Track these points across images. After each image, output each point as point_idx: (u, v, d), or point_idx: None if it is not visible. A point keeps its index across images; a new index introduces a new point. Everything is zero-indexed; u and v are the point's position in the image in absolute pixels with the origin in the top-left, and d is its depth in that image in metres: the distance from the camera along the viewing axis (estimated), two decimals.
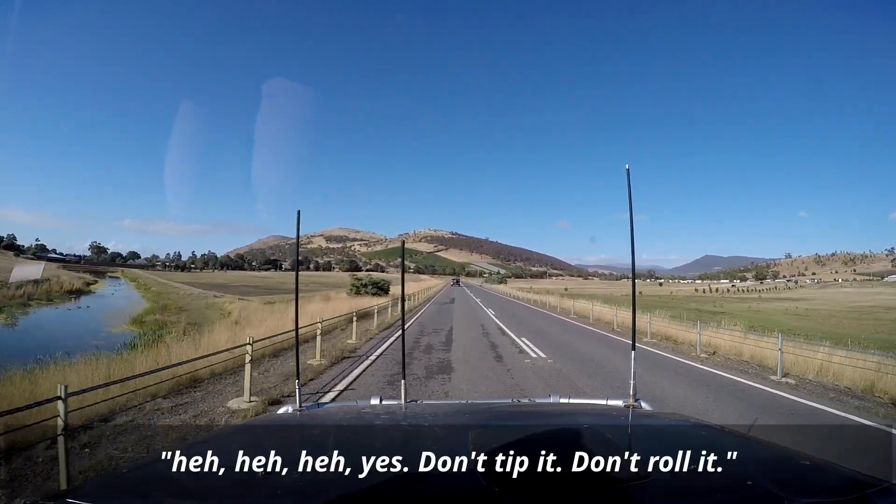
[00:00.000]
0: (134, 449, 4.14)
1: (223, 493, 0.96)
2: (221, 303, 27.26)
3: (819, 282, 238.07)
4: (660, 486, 0.92)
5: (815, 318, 41.83)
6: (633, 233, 1.77)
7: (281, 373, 7.78)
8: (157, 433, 4.59)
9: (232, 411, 5.66)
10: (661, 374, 8.79)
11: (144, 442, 4.33)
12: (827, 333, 18.02)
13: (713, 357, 10.82)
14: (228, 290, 43.69)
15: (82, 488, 1.02)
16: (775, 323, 31.63)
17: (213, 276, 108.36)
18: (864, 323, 36.00)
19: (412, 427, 1.42)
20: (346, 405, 2.15)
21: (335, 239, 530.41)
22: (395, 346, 11.24)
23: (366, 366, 8.77)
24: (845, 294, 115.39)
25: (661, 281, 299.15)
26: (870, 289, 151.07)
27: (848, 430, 5.35)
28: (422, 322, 17.85)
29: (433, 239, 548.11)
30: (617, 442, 1.17)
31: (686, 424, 1.59)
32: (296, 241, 1.96)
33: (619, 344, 12.91)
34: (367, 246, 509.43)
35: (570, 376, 8.33)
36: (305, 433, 1.45)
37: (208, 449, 1.01)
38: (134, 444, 4.24)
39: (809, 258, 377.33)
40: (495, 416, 1.68)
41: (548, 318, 21.67)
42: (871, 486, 0.90)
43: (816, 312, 49.43)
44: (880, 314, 46.47)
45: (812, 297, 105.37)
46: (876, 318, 40.67)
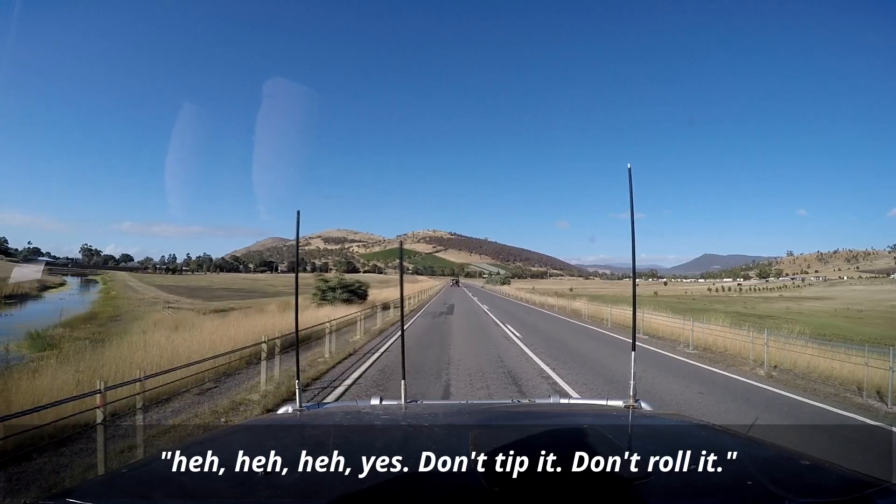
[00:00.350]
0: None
1: (223, 494, 0.95)
2: (159, 313, 21.95)
3: (826, 280, 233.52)
4: (660, 486, 0.92)
5: (869, 320, 36.64)
6: (634, 232, 1.74)
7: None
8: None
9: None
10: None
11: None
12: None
13: (806, 382, 7.47)
14: (201, 295, 39.79)
15: (82, 488, 0.96)
16: (837, 328, 26.56)
17: (201, 279, 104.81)
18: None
19: (412, 427, 1.41)
20: (346, 405, 2.14)
21: (333, 240, 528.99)
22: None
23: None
24: (865, 292, 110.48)
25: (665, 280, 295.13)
26: (880, 286, 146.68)
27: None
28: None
29: (432, 240, 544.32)
30: (617, 442, 1.16)
31: (686, 424, 1.58)
32: (295, 242, 1.97)
33: (744, 390, 7.91)
34: (366, 247, 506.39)
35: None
36: (305, 433, 1.44)
37: (208, 449, 1.02)
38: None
39: (812, 256, 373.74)
40: (495, 416, 1.68)
41: (588, 335, 14.96)
42: (871, 486, 0.90)
43: (866, 314, 44.19)
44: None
45: (831, 295, 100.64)
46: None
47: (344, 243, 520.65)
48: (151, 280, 75.31)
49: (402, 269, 2.26)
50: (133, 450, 4.25)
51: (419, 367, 8.74)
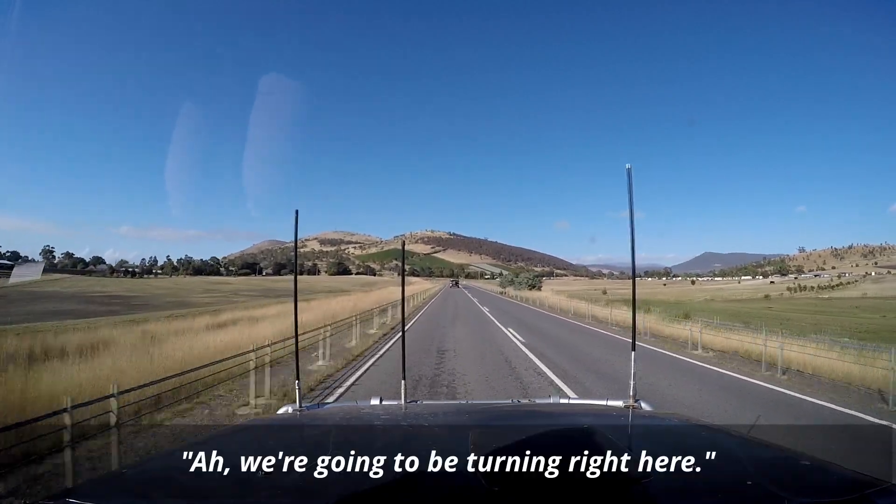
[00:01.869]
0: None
1: (223, 493, 0.96)
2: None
3: (866, 276, 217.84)
4: (660, 486, 0.92)
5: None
6: (633, 232, 1.71)
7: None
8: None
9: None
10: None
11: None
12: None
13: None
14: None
15: (82, 488, 1.00)
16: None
17: (147, 284, 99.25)
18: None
19: (412, 427, 1.41)
20: (346, 405, 2.16)
21: (329, 242, 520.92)
22: None
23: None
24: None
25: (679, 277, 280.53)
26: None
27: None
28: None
29: (430, 240, 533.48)
30: (617, 442, 1.16)
31: (686, 424, 1.59)
32: (294, 242, 1.95)
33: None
34: (362, 249, 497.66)
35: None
36: (305, 433, 1.45)
37: (208, 449, 1.04)
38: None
39: (826, 251, 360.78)
40: (495, 416, 1.68)
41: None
42: (871, 486, 0.90)
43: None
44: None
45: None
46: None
47: (340, 245, 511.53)
48: (82, 286, 66.38)
49: (403, 270, 2.29)
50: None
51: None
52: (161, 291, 66.75)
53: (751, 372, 9.67)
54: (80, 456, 4.02)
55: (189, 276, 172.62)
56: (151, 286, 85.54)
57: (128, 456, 4.25)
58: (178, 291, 67.43)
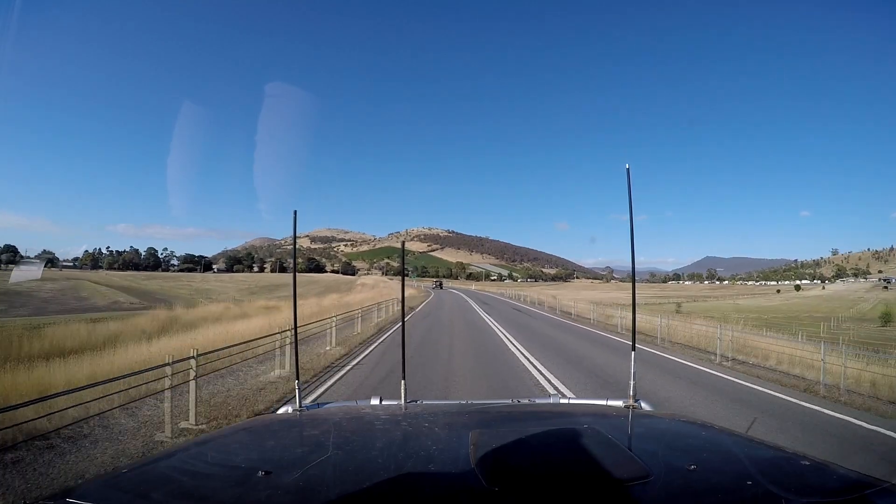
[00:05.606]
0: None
1: (223, 493, 0.96)
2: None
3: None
4: (660, 486, 0.93)
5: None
6: (633, 233, 1.77)
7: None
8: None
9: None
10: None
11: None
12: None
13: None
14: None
15: (82, 488, 0.99)
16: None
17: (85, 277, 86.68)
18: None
19: (412, 427, 1.43)
20: (346, 405, 2.15)
21: (320, 240, 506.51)
22: None
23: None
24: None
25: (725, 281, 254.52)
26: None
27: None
28: None
29: (427, 237, 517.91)
30: (617, 442, 1.17)
31: (686, 424, 1.61)
32: (293, 242, 2.04)
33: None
34: (353, 246, 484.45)
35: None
36: (305, 433, 1.46)
37: (208, 449, 1.05)
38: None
39: (867, 253, 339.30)
40: (495, 416, 1.69)
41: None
42: (871, 486, 0.91)
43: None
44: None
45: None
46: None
47: (331, 242, 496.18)
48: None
49: (403, 270, 2.38)
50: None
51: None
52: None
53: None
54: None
55: (112, 271, 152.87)
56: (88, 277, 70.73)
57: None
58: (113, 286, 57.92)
